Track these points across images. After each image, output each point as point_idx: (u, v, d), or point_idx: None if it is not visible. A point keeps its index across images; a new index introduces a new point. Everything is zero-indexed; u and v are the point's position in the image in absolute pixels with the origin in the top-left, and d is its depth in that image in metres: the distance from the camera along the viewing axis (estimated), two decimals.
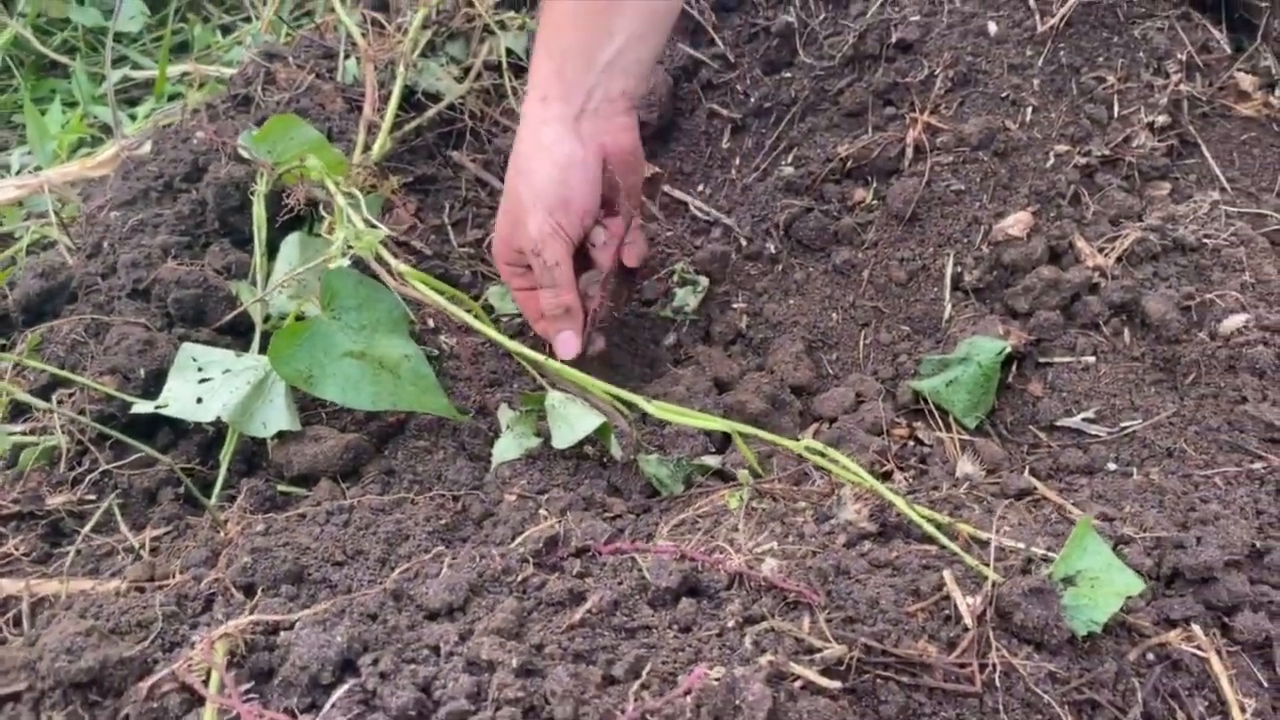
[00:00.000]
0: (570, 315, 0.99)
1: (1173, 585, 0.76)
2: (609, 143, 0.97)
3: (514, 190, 0.98)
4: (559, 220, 0.95)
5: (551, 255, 0.96)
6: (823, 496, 0.83)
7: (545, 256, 0.96)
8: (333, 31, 1.33)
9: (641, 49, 0.96)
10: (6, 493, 0.84)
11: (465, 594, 0.67)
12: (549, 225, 0.95)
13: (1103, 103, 1.11)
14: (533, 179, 0.96)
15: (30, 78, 1.65)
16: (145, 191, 1.11)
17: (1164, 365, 0.98)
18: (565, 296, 0.98)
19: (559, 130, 0.95)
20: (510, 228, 1.00)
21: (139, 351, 0.91)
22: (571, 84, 0.95)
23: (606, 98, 0.96)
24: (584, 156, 0.95)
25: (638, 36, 0.95)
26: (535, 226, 0.95)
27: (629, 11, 0.94)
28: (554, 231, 0.95)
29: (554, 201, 0.95)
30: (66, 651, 0.61)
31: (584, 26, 0.94)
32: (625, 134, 0.98)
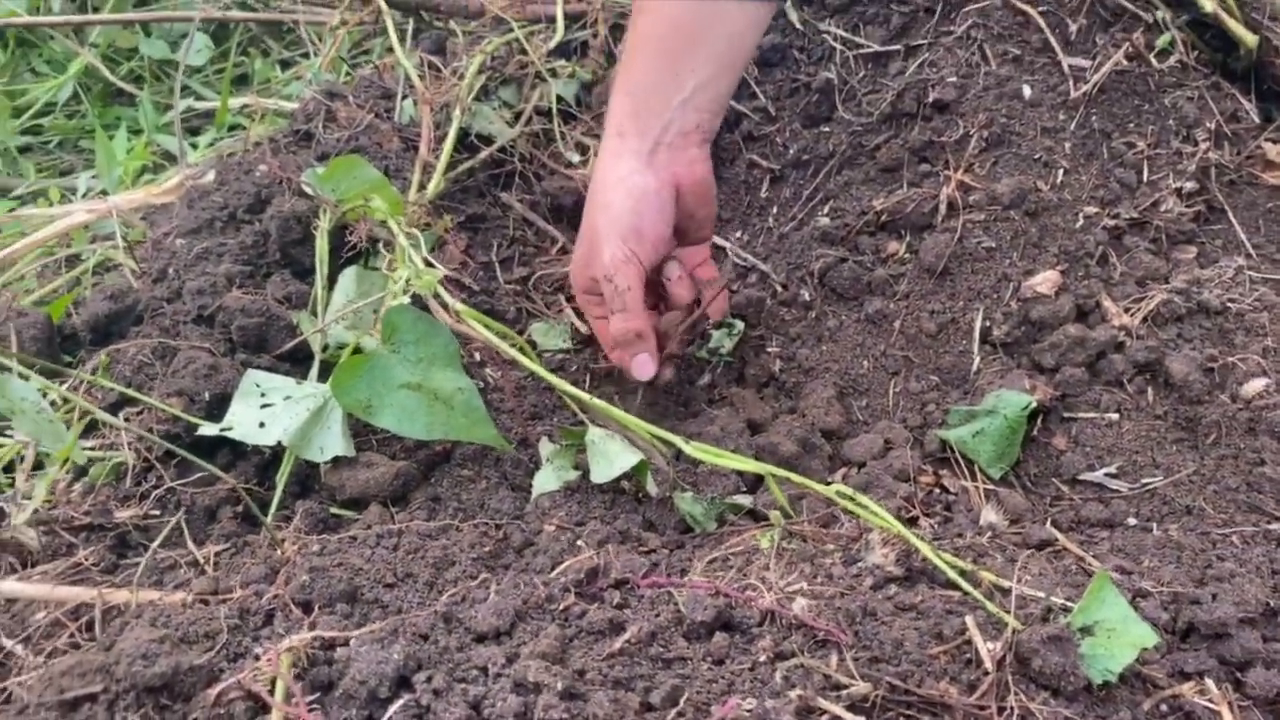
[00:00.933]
0: (642, 340, 1.04)
1: (1187, 639, 0.78)
2: (682, 174, 1.03)
3: (591, 221, 1.04)
4: (632, 247, 1.01)
5: (623, 281, 1.01)
6: (851, 540, 0.86)
7: (617, 282, 1.01)
8: (391, 73, 1.39)
9: (715, 88, 1.02)
10: (78, 505, 0.89)
11: (511, 619, 0.71)
12: (622, 252, 1.01)
13: (1132, 167, 1.15)
14: (609, 209, 1.02)
15: (97, 105, 1.72)
16: (210, 221, 1.16)
17: (1185, 425, 1.01)
18: (634, 322, 1.03)
19: (633, 163, 1.01)
20: (587, 257, 1.05)
21: (204, 375, 0.96)
22: (646, 120, 1.01)
23: (680, 132, 1.02)
24: (657, 187, 1.01)
25: (711, 77, 1.01)
26: (609, 253, 1.01)
27: (703, 55, 1.00)
28: (627, 258, 1.01)
29: (627, 229, 1.01)
30: (142, 657, 0.65)
31: (660, 68, 1.01)
32: (698, 166, 1.04)
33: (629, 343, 1.04)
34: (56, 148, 1.70)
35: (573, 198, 1.32)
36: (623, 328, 1.03)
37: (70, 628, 0.76)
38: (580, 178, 1.32)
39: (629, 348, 1.04)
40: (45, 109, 1.72)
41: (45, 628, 0.77)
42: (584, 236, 1.06)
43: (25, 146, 1.69)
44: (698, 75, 1.00)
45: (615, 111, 1.04)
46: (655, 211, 1.01)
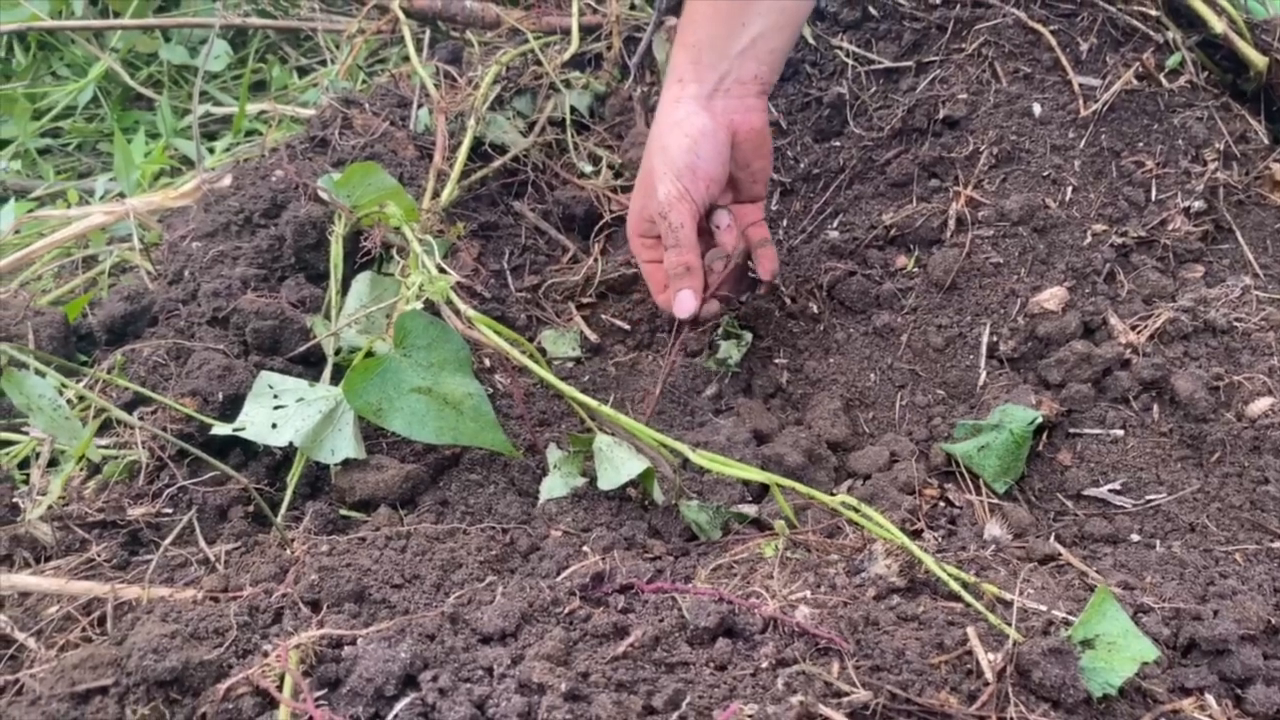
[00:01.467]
0: (691, 274, 1.07)
1: (1188, 655, 0.79)
2: (739, 120, 1.06)
3: (648, 164, 1.07)
4: (686, 185, 1.04)
5: (677, 217, 1.04)
6: (855, 550, 0.87)
7: (671, 218, 1.04)
8: (407, 81, 1.41)
9: (774, 40, 1.05)
10: (91, 502, 0.90)
11: (517, 621, 0.72)
12: (676, 189, 1.04)
13: (1141, 186, 1.15)
14: (666, 150, 1.05)
15: (117, 109, 1.75)
16: (226, 224, 1.18)
17: (1190, 442, 1.02)
18: (687, 256, 1.06)
19: (692, 106, 1.05)
20: (643, 199, 1.09)
21: (218, 376, 0.97)
22: (706, 68, 1.05)
23: (739, 80, 1.05)
24: (714, 128, 1.04)
25: (771, 29, 1.04)
26: (664, 191, 1.04)
27: (762, 9, 1.03)
28: (681, 195, 1.04)
29: (682, 167, 1.04)
30: (153, 651, 0.66)
31: (719, 21, 1.04)
32: (755, 114, 1.07)
33: (678, 276, 1.06)
34: (76, 150, 1.72)
35: (584, 207, 1.33)
36: (675, 261, 1.06)
37: (82, 622, 0.77)
38: (592, 188, 1.33)
39: (678, 281, 1.07)
40: (65, 112, 1.74)
41: (58, 621, 0.78)
42: (641, 181, 1.10)
43: (45, 148, 1.71)
44: (757, 26, 1.03)
45: (676, 63, 1.07)
46: (711, 151, 1.04)
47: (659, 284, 1.13)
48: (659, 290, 1.13)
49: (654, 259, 1.12)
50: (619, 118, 1.39)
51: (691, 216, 1.05)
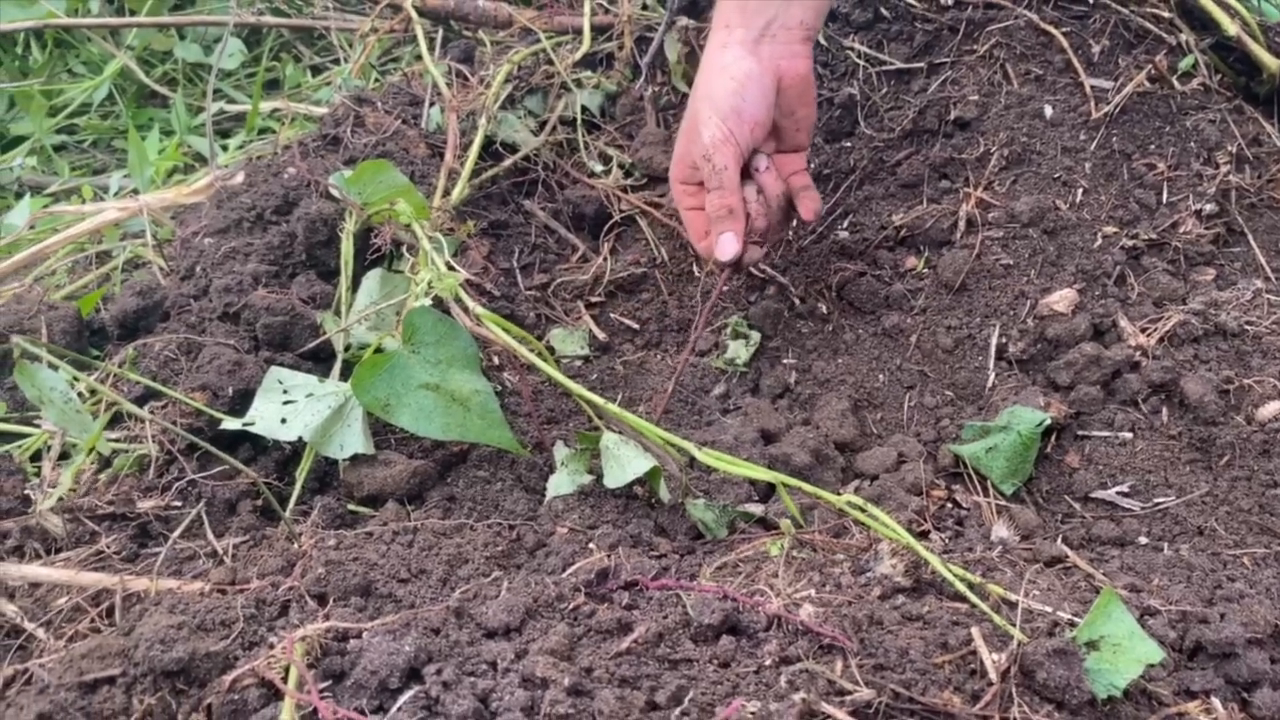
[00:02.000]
0: (733, 217, 1.07)
1: (1195, 658, 0.78)
2: (785, 66, 1.06)
3: (693, 109, 1.08)
4: (731, 128, 1.05)
5: (721, 160, 1.05)
6: (861, 550, 0.87)
7: (715, 160, 1.05)
8: (419, 80, 1.41)
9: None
10: (101, 494, 0.91)
11: (522, 616, 0.72)
12: (721, 131, 1.05)
13: (1152, 188, 1.15)
14: (711, 95, 1.06)
15: (131, 106, 1.76)
16: (238, 221, 1.19)
17: (1199, 446, 1.01)
18: (730, 198, 1.06)
19: (738, 51, 1.05)
20: (687, 144, 1.09)
21: (229, 371, 0.98)
22: (753, 14, 1.05)
23: (785, 25, 1.06)
24: (759, 72, 1.05)
25: None
26: (709, 133, 1.05)
27: None
28: (725, 138, 1.05)
29: (728, 110, 1.04)
30: (160, 642, 0.67)
31: None
32: (801, 60, 1.07)
33: (720, 219, 1.07)
34: (91, 147, 1.73)
35: (594, 206, 1.33)
36: (718, 204, 1.06)
37: (91, 613, 0.78)
38: (602, 188, 1.34)
39: (720, 224, 1.07)
40: (81, 109, 1.75)
41: (67, 612, 0.79)
42: (685, 127, 1.10)
43: (60, 145, 1.72)
44: None
45: (722, 9, 1.08)
46: (756, 94, 1.05)
47: (699, 230, 1.13)
48: (699, 237, 1.14)
49: (695, 206, 1.12)
50: (630, 117, 1.39)
51: (735, 160, 1.06)
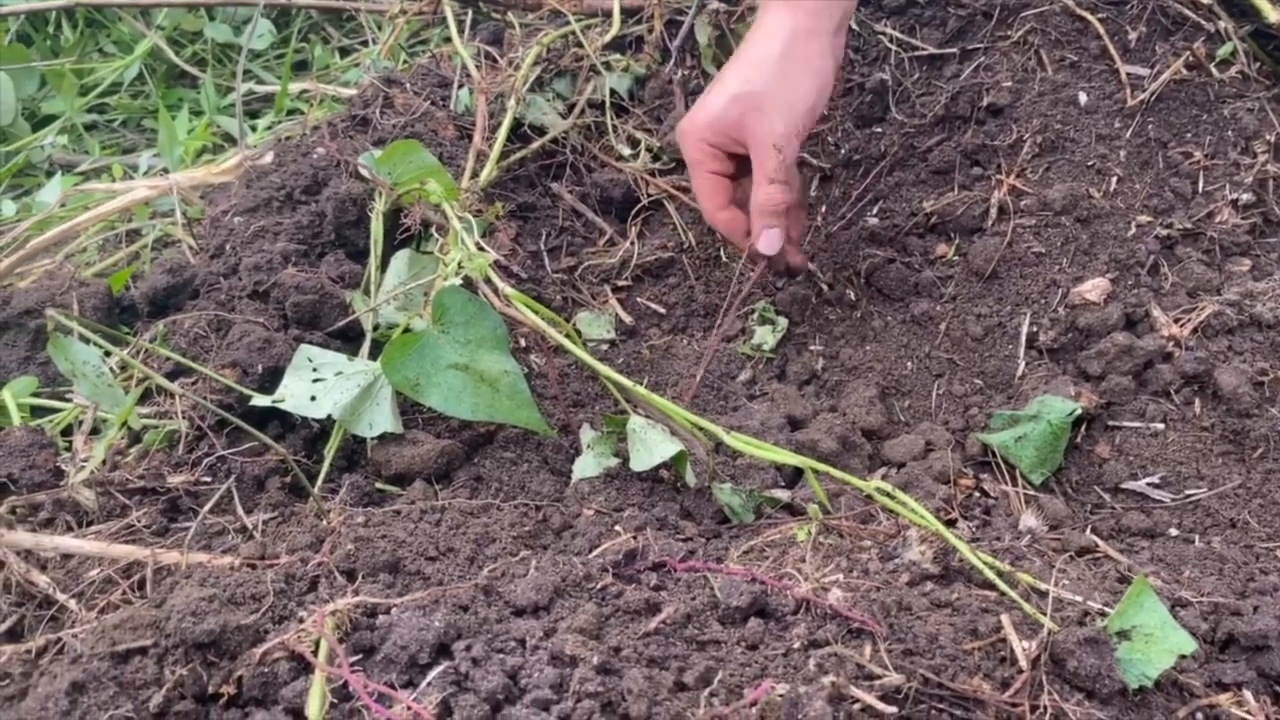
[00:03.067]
0: (789, 215, 1.08)
1: (1226, 651, 0.78)
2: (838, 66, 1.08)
3: (765, 87, 1.03)
4: (804, 125, 1.05)
5: (791, 154, 1.04)
6: (889, 536, 0.87)
7: (787, 154, 1.03)
8: (448, 62, 1.41)
9: None
10: (132, 468, 0.91)
11: (550, 595, 0.72)
12: (797, 128, 1.04)
13: (1188, 177, 1.14)
14: (796, 86, 1.03)
15: (161, 86, 1.77)
16: (267, 200, 1.19)
17: (1232, 438, 1.00)
18: (794, 197, 1.07)
19: (824, 45, 1.04)
20: (740, 115, 1.04)
21: (259, 349, 0.98)
22: (836, 2, 1.04)
23: (845, 16, 1.06)
24: (834, 70, 1.06)
25: None
26: (785, 124, 1.03)
27: None
28: (799, 133, 1.05)
29: (806, 109, 1.04)
30: (192, 614, 0.67)
31: None
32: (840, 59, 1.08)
33: (777, 215, 1.06)
34: (121, 126, 1.74)
35: (622, 190, 1.33)
36: (780, 200, 1.05)
37: (122, 585, 0.78)
38: (630, 171, 1.33)
39: (773, 219, 1.06)
40: (111, 88, 1.76)
41: (99, 584, 0.79)
42: (741, 95, 1.04)
43: (91, 124, 1.73)
44: None
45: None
46: (826, 99, 1.06)
47: (717, 200, 1.10)
48: (717, 207, 1.10)
49: (717, 170, 1.09)
50: (659, 101, 1.38)
51: (795, 159, 1.05)
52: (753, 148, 1.05)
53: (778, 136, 1.02)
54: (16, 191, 1.59)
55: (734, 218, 1.11)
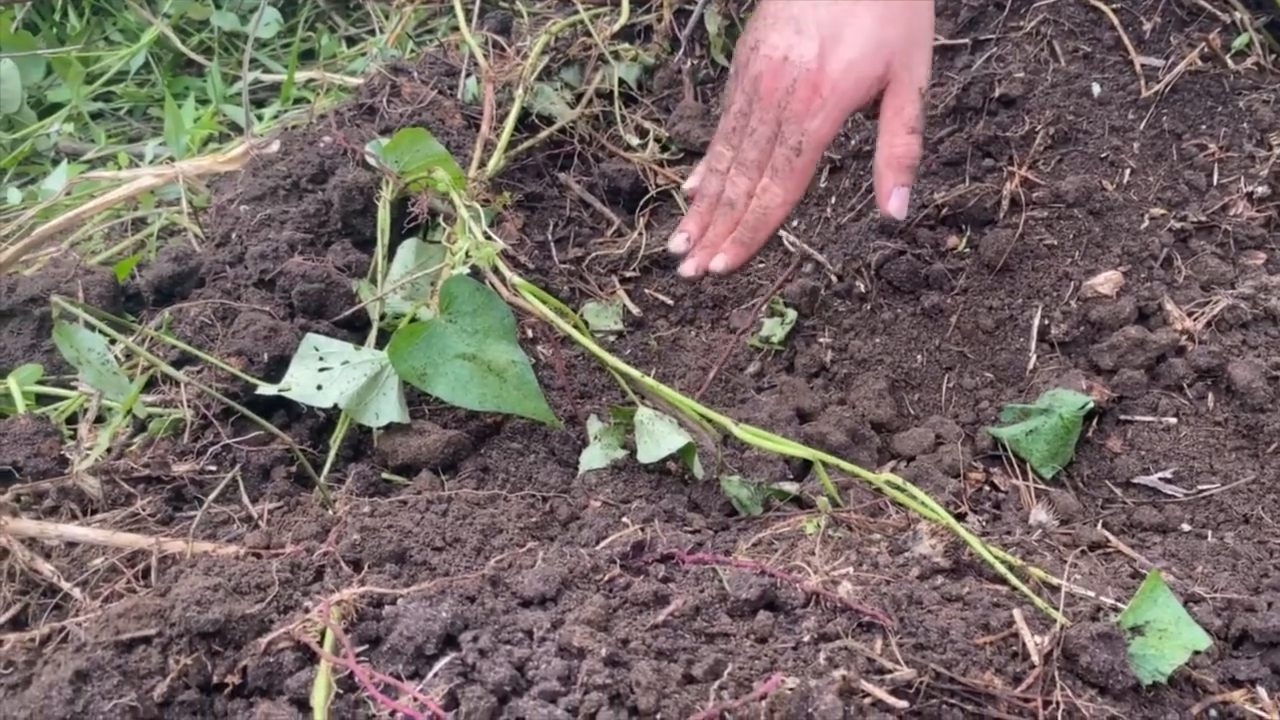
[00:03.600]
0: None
1: (1240, 647, 0.77)
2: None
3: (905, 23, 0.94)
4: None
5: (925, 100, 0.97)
6: (898, 530, 0.86)
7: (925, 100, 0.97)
8: (456, 50, 1.40)
9: None
10: (137, 457, 0.91)
11: (557, 586, 0.71)
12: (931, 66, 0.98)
13: (1202, 170, 1.13)
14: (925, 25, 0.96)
15: (167, 74, 1.76)
16: (274, 189, 1.18)
17: (1246, 432, 0.99)
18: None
19: None
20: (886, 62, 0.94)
21: (264, 337, 0.98)
22: None
23: None
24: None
25: None
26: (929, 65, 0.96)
27: None
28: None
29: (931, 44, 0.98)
30: (196, 603, 0.66)
31: None
32: None
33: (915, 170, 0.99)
34: (127, 114, 1.73)
35: (630, 180, 1.32)
36: (919, 152, 0.97)
37: (127, 573, 0.78)
38: (638, 161, 1.32)
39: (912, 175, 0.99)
40: (117, 76, 1.76)
41: (103, 572, 0.79)
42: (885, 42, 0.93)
43: (97, 112, 1.72)
44: None
45: None
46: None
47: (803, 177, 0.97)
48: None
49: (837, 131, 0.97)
50: (667, 91, 1.37)
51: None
52: (893, 94, 0.95)
53: (923, 80, 0.95)
54: (22, 179, 1.58)
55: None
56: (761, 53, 0.95)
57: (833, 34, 0.92)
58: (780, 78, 0.94)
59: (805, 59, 0.92)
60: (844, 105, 0.94)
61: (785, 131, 0.94)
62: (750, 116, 0.97)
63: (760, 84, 0.95)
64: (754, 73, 0.96)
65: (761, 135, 0.96)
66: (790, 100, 0.93)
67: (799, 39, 0.93)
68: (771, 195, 0.97)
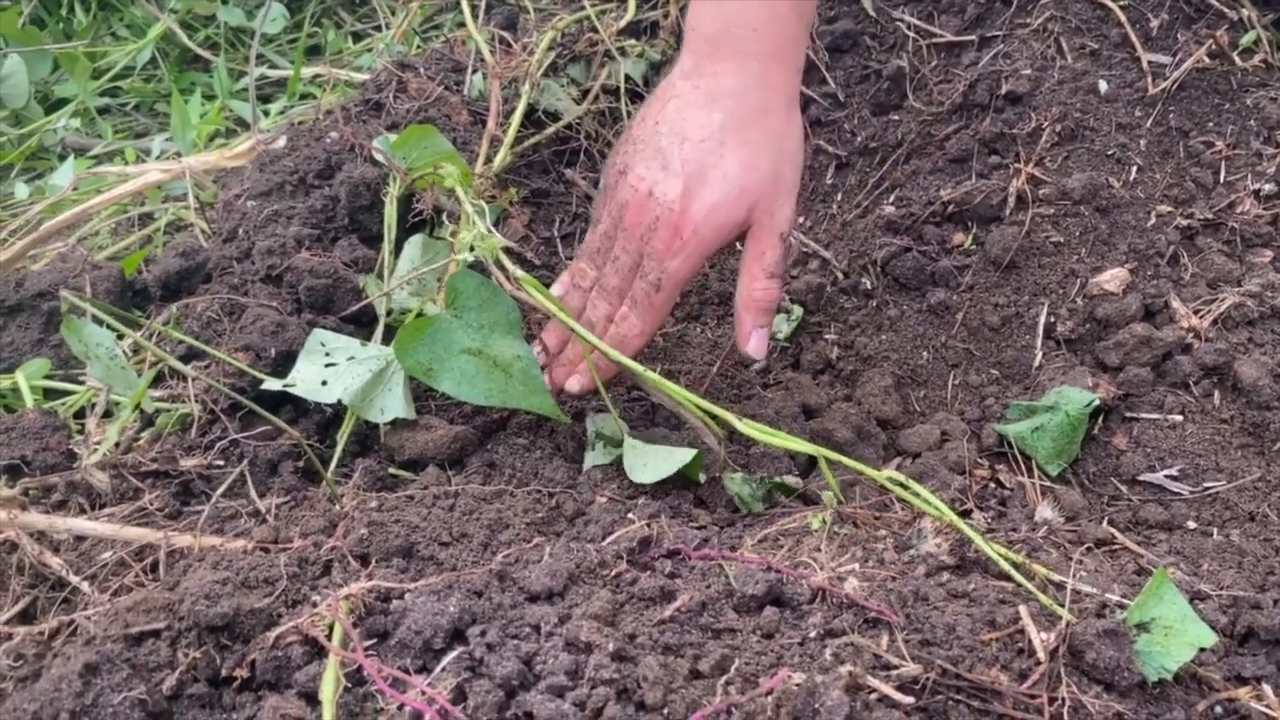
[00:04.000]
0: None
1: (1246, 644, 0.77)
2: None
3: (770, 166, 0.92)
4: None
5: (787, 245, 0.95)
6: (904, 525, 0.86)
7: (791, 245, 0.94)
8: (462, 46, 1.40)
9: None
10: (144, 451, 0.91)
11: (564, 581, 0.71)
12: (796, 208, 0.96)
13: (1209, 167, 1.12)
14: (796, 165, 0.94)
15: (174, 70, 1.76)
16: (281, 184, 1.18)
17: (1252, 430, 0.99)
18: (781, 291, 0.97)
19: (797, 119, 0.95)
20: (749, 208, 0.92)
21: (272, 332, 0.98)
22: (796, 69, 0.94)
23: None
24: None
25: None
26: (793, 209, 0.94)
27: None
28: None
29: (799, 186, 0.96)
30: (205, 597, 0.67)
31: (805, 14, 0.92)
32: None
33: (772, 312, 0.98)
34: (134, 110, 1.74)
35: None
36: (778, 296, 0.96)
37: (135, 568, 0.78)
38: None
39: (769, 317, 0.98)
40: (124, 72, 1.76)
41: (111, 566, 0.79)
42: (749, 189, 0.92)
43: (104, 108, 1.73)
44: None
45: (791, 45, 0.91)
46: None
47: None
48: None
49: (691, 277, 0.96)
50: None
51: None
52: (754, 239, 0.94)
53: (785, 224, 0.93)
54: (29, 175, 1.59)
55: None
56: (629, 181, 0.95)
57: (697, 174, 0.91)
58: (644, 213, 0.93)
59: (668, 198, 0.92)
60: (704, 248, 0.94)
61: (646, 266, 0.94)
62: (615, 242, 0.97)
63: (625, 214, 0.95)
64: (620, 200, 0.96)
65: (624, 264, 0.96)
66: (652, 237, 0.93)
67: (664, 175, 0.92)
68: (629, 325, 0.97)
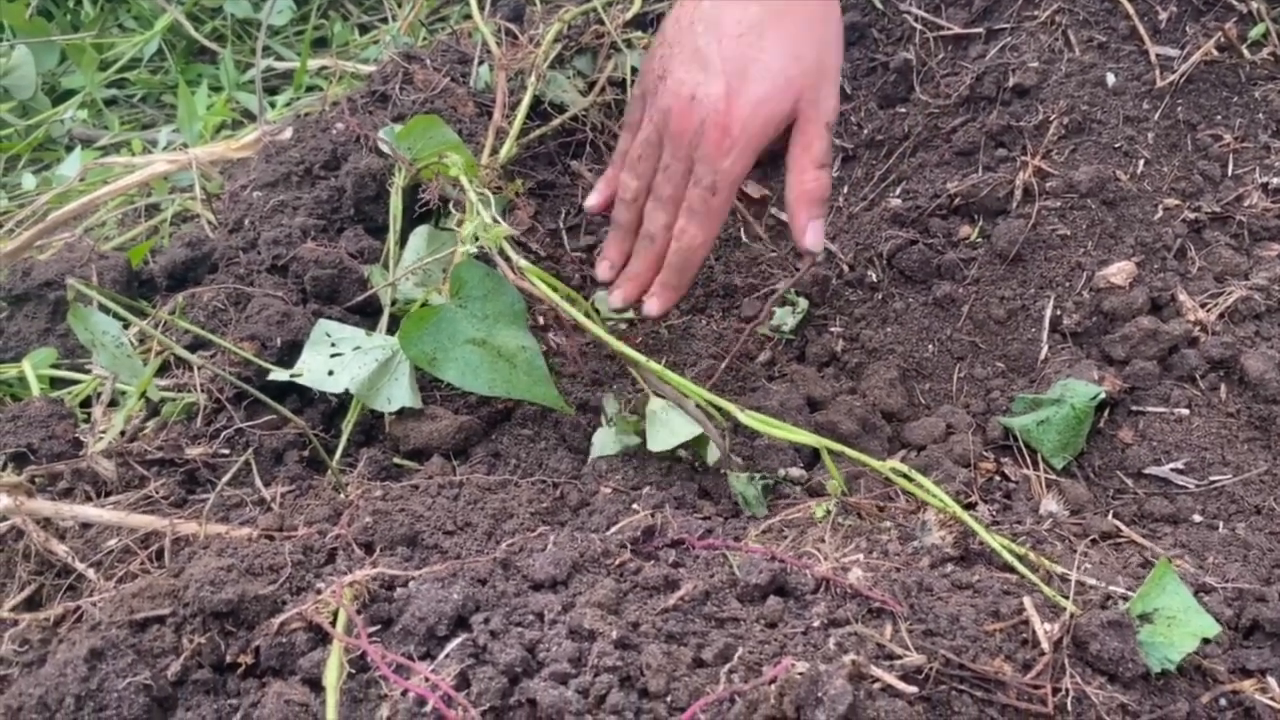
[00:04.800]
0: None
1: (1251, 637, 0.77)
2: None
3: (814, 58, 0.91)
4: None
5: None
6: (908, 516, 0.86)
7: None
8: (468, 38, 1.40)
9: None
10: (150, 440, 0.91)
11: (569, 570, 0.72)
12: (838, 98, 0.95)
13: (1217, 160, 1.12)
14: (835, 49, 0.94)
15: (181, 61, 1.76)
16: (286, 175, 1.19)
17: (1259, 424, 0.99)
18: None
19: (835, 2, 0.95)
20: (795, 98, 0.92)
21: (277, 322, 0.98)
22: None
23: None
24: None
25: None
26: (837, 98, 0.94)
27: None
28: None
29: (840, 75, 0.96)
30: (210, 583, 0.67)
31: None
32: None
33: (826, 203, 0.95)
34: (140, 101, 1.74)
35: None
36: (829, 185, 0.95)
37: (140, 554, 0.78)
38: None
39: (824, 208, 0.95)
40: (131, 63, 1.76)
41: (117, 553, 0.79)
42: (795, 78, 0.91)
43: (111, 99, 1.73)
44: None
45: None
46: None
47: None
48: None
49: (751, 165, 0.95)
50: None
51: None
52: (801, 131, 0.94)
53: (831, 114, 0.93)
54: (37, 165, 1.59)
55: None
56: (669, 86, 0.94)
57: (739, 71, 0.90)
58: (689, 118, 0.92)
59: (713, 99, 0.91)
60: (755, 144, 0.92)
61: (699, 171, 0.93)
62: (662, 150, 0.96)
63: (669, 120, 0.94)
64: (663, 106, 0.95)
65: (675, 171, 0.95)
66: (701, 141, 0.92)
67: (705, 77, 0.91)
68: (691, 237, 0.96)
